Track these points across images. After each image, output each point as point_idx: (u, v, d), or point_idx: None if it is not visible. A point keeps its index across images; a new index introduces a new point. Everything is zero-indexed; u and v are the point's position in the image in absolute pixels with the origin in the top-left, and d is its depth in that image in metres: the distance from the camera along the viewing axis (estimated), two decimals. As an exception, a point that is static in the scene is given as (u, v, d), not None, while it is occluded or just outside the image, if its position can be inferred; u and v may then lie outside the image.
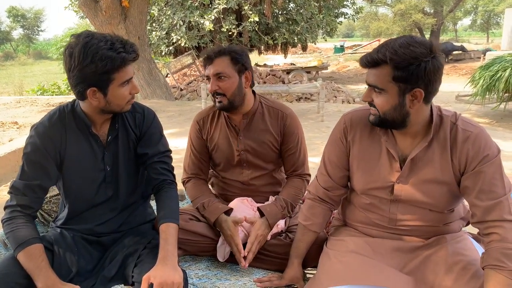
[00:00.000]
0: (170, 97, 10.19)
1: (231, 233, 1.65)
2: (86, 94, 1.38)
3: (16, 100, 9.03)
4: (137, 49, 1.42)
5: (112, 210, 1.58)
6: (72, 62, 1.32)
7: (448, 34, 44.64)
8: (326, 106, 8.07)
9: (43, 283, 1.28)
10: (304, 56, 28.64)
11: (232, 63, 1.74)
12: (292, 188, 1.84)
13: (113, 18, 8.70)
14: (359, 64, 1.36)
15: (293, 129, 1.85)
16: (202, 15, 11.62)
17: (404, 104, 1.26)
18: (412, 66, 1.19)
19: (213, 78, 1.73)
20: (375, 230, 1.46)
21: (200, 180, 1.91)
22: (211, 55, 1.74)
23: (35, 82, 14.60)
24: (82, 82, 1.35)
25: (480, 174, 1.25)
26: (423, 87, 1.22)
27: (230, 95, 1.73)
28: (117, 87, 1.39)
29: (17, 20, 45.17)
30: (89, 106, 1.44)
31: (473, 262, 1.29)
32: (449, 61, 20.84)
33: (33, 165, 1.42)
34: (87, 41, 1.31)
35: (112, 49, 1.32)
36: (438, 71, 1.22)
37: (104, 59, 1.31)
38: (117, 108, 1.45)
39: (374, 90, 1.30)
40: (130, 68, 1.41)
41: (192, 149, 1.92)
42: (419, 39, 1.23)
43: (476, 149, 1.26)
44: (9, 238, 1.37)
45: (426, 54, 1.19)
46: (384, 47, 1.24)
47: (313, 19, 13.58)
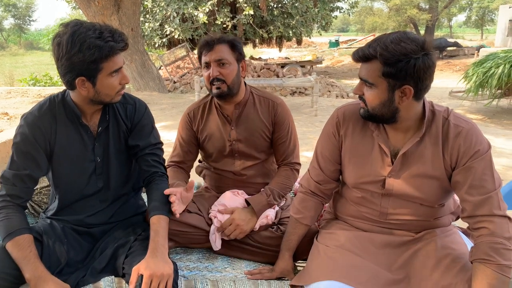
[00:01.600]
0: (163, 90, 10.14)
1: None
2: (75, 84, 1.36)
3: (7, 91, 8.93)
4: (127, 38, 1.41)
5: (102, 201, 1.57)
6: (60, 51, 1.31)
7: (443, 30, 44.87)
8: (320, 100, 8.08)
9: (31, 273, 1.27)
10: (299, 50, 28.63)
11: (231, 50, 1.76)
12: (279, 178, 1.85)
13: (106, 9, 8.61)
14: (351, 58, 1.36)
15: (284, 118, 1.85)
16: (196, 7, 11.54)
17: (393, 100, 1.26)
18: (401, 62, 1.19)
19: (214, 64, 1.72)
20: (366, 223, 1.47)
21: (179, 168, 1.90)
22: (211, 42, 1.73)
23: (27, 72, 14.42)
24: (70, 71, 1.34)
25: (471, 169, 1.26)
26: (413, 84, 1.23)
27: (230, 81, 1.74)
28: (106, 77, 1.38)
29: (8, 9, 44.51)
30: (79, 96, 1.43)
31: (461, 256, 1.30)
32: (443, 57, 20.96)
33: (23, 155, 1.42)
34: (75, 29, 1.30)
35: (100, 38, 1.31)
36: (428, 69, 1.22)
37: (92, 48, 1.29)
38: (106, 98, 1.43)
39: (365, 84, 1.30)
40: (119, 58, 1.40)
41: (180, 141, 1.92)
42: (412, 35, 1.23)
43: (467, 145, 1.27)
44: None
45: (416, 51, 1.19)
46: (376, 42, 1.24)
47: (308, 13, 13.54)
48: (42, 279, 1.27)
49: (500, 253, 1.18)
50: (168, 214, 1.49)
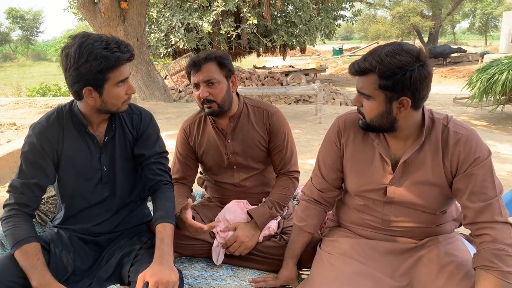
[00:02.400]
0: (169, 99, 10.21)
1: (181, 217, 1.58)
2: (82, 94, 1.40)
3: (15, 102, 9.04)
4: (133, 49, 1.45)
5: (108, 210, 1.59)
6: (68, 62, 1.35)
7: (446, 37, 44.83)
8: (324, 108, 8.10)
9: (38, 281, 1.29)
10: (302, 58, 28.72)
11: (220, 68, 1.74)
12: (279, 188, 1.85)
13: (112, 20, 8.72)
14: (348, 72, 1.37)
15: (279, 126, 1.85)
16: (201, 17, 11.65)
17: (391, 112, 1.28)
18: (397, 75, 1.20)
19: (203, 84, 1.72)
20: (368, 231, 1.48)
21: (181, 185, 1.91)
22: (198, 62, 1.72)
23: (34, 83, 14.59)
24: (78, 82, 1.37)
25: (471, 176, 1.27)
26: (410, 95, 1.24)
27: (220, 100, 1.73)
28: (112, 87, 1.41)
29: (16, 21, 45.16)
30: (86, 106, 1.47)
31: (464, 263, 1.31)
32: (447, 63, 20.93)
33: (31, 164, 1.45)
34: (82, 41, 1.35)
35: (106, 48, 1.35)
36: (425, 79, 1.23)
37: (99, 58, 1.33)
38: (113, 107, 1.46)
39: (363, 96, 1.32)
40: (126, 68, 1.43)
41: (178, 156, 1.93)
42: (406, 47, 1.24)
43: (467, 152, 1.28)
44: (7, 236, 1.38)
45: (412, 62, 1.20)
46: (371, 55, 1.25)
47: (311, 21, 13.63)
48: (49, 286, 1.29)
49: (502, 259, 1.18)
50: (173, 222, 1.50)
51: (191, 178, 1.96)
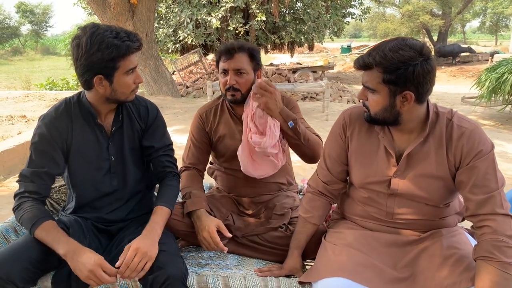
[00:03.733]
0: (176, 94, 10.27)
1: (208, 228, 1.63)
2: (92, 82, 1.44)
3: (25, 95, 9.14)
4: (141, 39, 1.49)
5: (118, 199, 1.64)
6: (79, 51, 1.39)
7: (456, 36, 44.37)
8: (331, 105, 8.10)
9: (65, 249, 1.34)
10: (310, 55, 28.62)
11: (250, 60, 1.79)
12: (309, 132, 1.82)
13: (121, 15, 8.78)
14: (353, 66, 1.39)
15: (293, 105, 1.88)
16: (209, 13, 11.67)
17: (394, 105, 1.31)
18: (400, 70, 1.23)
19: (232, 72, 1.76)
20: (372, 223, 1.50)
21: (196, 171, 1.94)
22: (232, 49, 1.76)
23: (43, 77, 14.72)
24: (89, 70, 1.41)
25: (474, 169, 1.29)
26: (413, 89, 1.27)
27: (245, 91, 1.78)
28: (122, 75, 1.45)
29: (26, 15, 45.41)
30: (95, 95, 1.50)
31: (467, 255, 1.33)
32: (456, 63, 20.77)
33: (41, 153, 1.49)
34: (93, 31, 1.39)
35: (117, 37, 1.39)
36: (428, 74, 1.25)
37: (110, 47, 1.37)
38: (122, 96, 1.50)
39: (367, 90, 1.35)
40: (134, 57, 1.48)
41: (192, 140, 1.96)
42: (410, 42, 1.26)
43: (471, 145, 1.30)
44: (22, 221, 1.43)
45: (415, 57, 1.23)
46: (376, 50, 1.29)
47: (320, 18, 13.57)
48: (77, 251, 1.34)
49: (502, 250, 1.21)
50: (171, 207, 1.59)
51: (204, 163, 1.99)
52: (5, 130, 5.56)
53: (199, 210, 1.73)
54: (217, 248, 1.64)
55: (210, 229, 1.63)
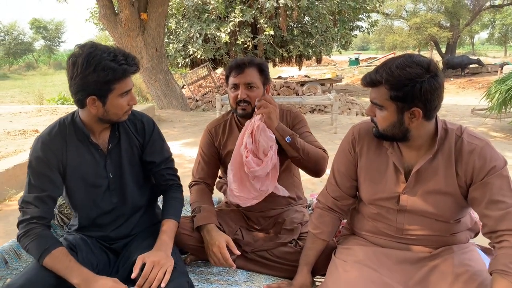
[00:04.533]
0: (186, 108, 10.36)
1: (218, 243, 1.65)
2: (85, 102, 1.43)
3: (37, 109, 9.28)
4: (138, 62, 1.48)
5: (120, 216, 1.63)
6: (75, 70, 1.37)
7: (465, 47, 44.25)
8: (339, 118, 8.10)
9: (78, 278, 1.32)
10: (318, 68, 28.74)
11: (259, 74, 1.83)
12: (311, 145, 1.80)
13: (132, 31, 8.93)
14: (361, 83, 1.41)
15: (300, 119, 1.91)
16: (219, 28, 11.83)
17: (402, 122, 1.31)
18: (407, 87, 1.24)
19: (243, 86, 1.80)
20: (382, 239, 1.49)
21: (205, 185, 1.96)
22: (242, 65, 1.81)
23: (55, 91, 14.96)
24: (83, 90, 1.40)
25: (488, 185, 1.28)
26: (421, 106, 1.27)
27: (255, 103, 1.80)
28: (116, 97, 1.45)
29: (39, 31, 46.39)
30: (88, 115, 1.50)
31: (479, 273, 1.31)
32: (465, 74, 20.68)
33: (40, 177, 1.46)
34: (91, 51, 1.37)
35: (114, 60, 1.38)
36: (436, 91, 1.25)
37: (106, 70, 1.36)
38: (114, 117, 1.50)
39: (375, 106, 1.36)
40: (130, 80, 1.48)
41: (202, 155, 1.99)
42: (417, 58, 1.27)
43: (482, 161, 1.29)
44: (30, 248, 1.40)
45: (422, 74, 1.23)
46: (383, 67, 1.29)
47: (328, 32, 13.66)
48: (91, 280, 1.32)
49: None
50: (177, 219, 1.61)
51: (214, 178, 2.01)
52: (17, 145, 5.65)
53: (209, 224, 1.73)
54: (225, 264, 1.64)
55: (220, 245, 1.64)
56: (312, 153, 1.76)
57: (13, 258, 1.73)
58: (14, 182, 4.12)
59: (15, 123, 7.51)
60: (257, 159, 1.73)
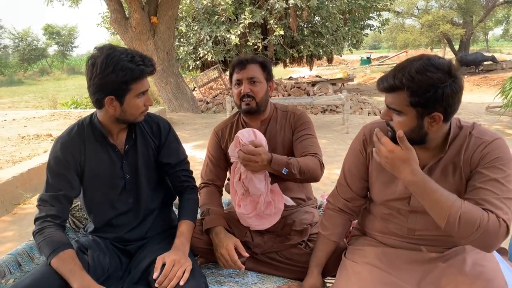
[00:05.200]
0: (197, 110, 10.40)
1: (226, 245, 1.65)
2: (103, 102, 1.47)
3: (51, 114, 9.42)
4: (155, 63, 1.53)
5: (135, 217, 1.65)
6: (94, 71, 1.42)
7: (479, 44, 43.58)
8: (351, 118, 8.04)
9: (79, 284, 1.33)
10: (330, 68, 28.64)
11: (262, 70, 1.86)
12: (304, 158, 1.78)
13: (142, 34, 9.01)
14: (377, 88, 1.35)
15: (303, 121, 1.90)
16: (229, 30, 11.86)
17: (422, 126, 1.27)
18: (429, 93, 1.19)
19: (246, 81, 1.83)
20: (394, 240, 1.47)
21: (214, 187, 1.96)
22: (244, 61, 1.85)
23: (69, 96, 15.16)
24: (101, 90, 1.45)
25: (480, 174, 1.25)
26: (442, 110, 1.22)
27: (259, 99, 1.83)
28: (133, 97, 1.49)
29: (52, 37, 47.09)
30: (105, 115, 1.54)
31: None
32: (479, 71, 20.36)
33: (57, 177, 1.51)
34: (109, 52, 1.42)
35: (132, 61, 1.43)
36: (457, 94, 1.21)
37: (124, 70, 1.41)
38: (131, 117, 1.53)
39: (393, 111, 1.30)
40: (146, 81, 1.52)
41: (210, 157, 1.99)
42: (437, 61, 1.21)
43: (486, 152, 1.27)
44: (42, 247, 1.43)
45: (443, 79, 1.18)
46: (401, 72, 1.23)
47: (338, 31, 13.60)
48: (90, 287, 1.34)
49: None
50: (194, 220, 1.63)
51: (222, 180, 2.01)
52: (32, 149, 5.73)
53: (218, 227, 1.73)
54: (234, 266, 1.64)
55: (228, 247, 1.64)
56: (308, 169, 1.73)
57: (26, 261, 1.75)
58: (28, 186, 4.18)
59: (29, 128, 7.63)
60: (250, 200, 1.75)
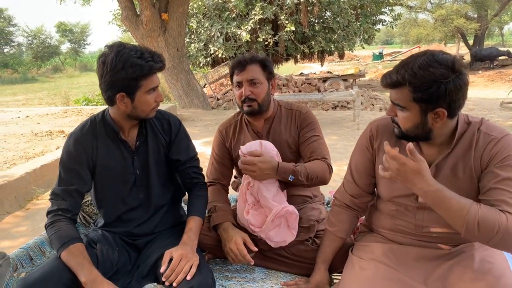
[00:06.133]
0: (207, 107, 10.43)
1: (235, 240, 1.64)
2: (115, 99, 1.49)
3: (63, 111, 9.54)
4: (164, 60, 1.54)
5: (145, 212, 1.67)
6: (104, 69, 1.45)
7: (494, 39, 42.81)
8: (362, 114, 7.98)
9: (86, 277, 1.35)
10: (341, 64, 28.43)
11: (262, 70, 1.83)
12: (310, 163, 1.78)
13: (153, 31, 9.05)
14: (380, 84, 1.35)
15: (308, 122, 1.87)
16: (239, 26, 11.85)
17: (426, 122, 1.26)
18: (432, 88, 1.18)
19: (246, 83, 1.80)
20: (401, 236, 1.46)
21: (220, 186, 1.96)
22: (243, 62, 1.81)
23: (81, 93, 15.34)
24: (112, 87, 1.47)
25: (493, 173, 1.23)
26: (446, 106, 1.21)
27: (261, 100, 1.81)
28: (143, 94, 1.50)
29: (65, 34, 47.58)
30: (117, 112, 1.56)
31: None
32: (494, 66, 20.03)
33: (69, 171, 1.54)
34: (119, 50, 1.44)
35: (141, 58, 1.45)
36: (461, 90, 1.20)
37: (134, 66, 1.43)
38: (142, 113, 1.55)
39: (397, 106, 1.30)
40: (157, 77, 1.53)
41: (214, 156, 1.99)
42: (440, 57, 1.20)
43: (497, 150, 1.25)
44: (52, 240, 1.46)
45: (446, 75, 1.17)
46: (404, 67, 1.23)
47: (350, 27, 13.47)
48: (97, 282, 1.35)
49: None
50: (202, 216, 1.64)
51: (228, 179, 2.01)
52: (44, 145, 5.82)
53: (225, 223, 1.74)
54: (243, 260, 1.64)
55: (237, 241, 1.64)
56: (316, 174, 1.73)
57: (38, 255, 1.78)
58: (41, 182, 4.25)
59: (42, 125, 7.74)
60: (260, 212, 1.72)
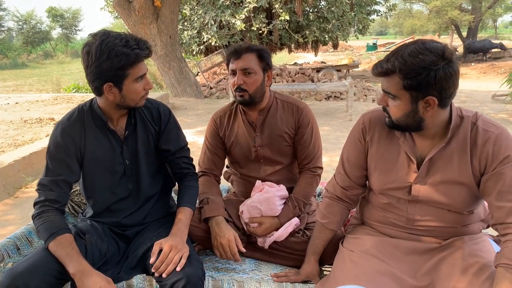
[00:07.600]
0: (200, 95, 10.35)
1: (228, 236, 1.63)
2: (102, 90, 1.46)
3: (54, 98, 9.42)
4: (150, 46, 1.50)
5: (135, 202, 1.65)
6: (89, 59, 1.40)
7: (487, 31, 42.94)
8: (355, 105, 7.99)
9: (75, 268, 1.33)
10: (335, 54, 28.37)
11: (259, 60, 1.79)
12: (302, 185, 1.86)
13: (145, 18, 8.92)
14: (372, 73, 1.34)
15: (307, 121, 1.87)
16: (233, 14, 11.71)
17: (417, 111, 1.25)
18: (421, 75, 1.18)
19: (240, 72, 1.77)
20: (392, 229, 1.46)
21: (212, 176, 1.94)
22: (239, 50, 1.77)
23: (72, 79, 15.14)
24: (99, 78, 1.43)
25: (501, 175, 1.23)
26: (436, 94, 1.21)
27: (252, 91, 1.78)
28: (131, 82, 1.46)
29: (56, 20, 46.78)
30: (106, 102, 1.52)
31: (490, 264, 1.27)
32: (487, 59, 20.12)
33: (57, 161, 1.51)
34: (103, 39, 1.39)
35: (126, 46, 1.40)
36: (451, 78, 1.19)
37: (119, 55, 1.38)
38: (131, 102, 1.52)
39: (388, 95, 1.30)
40: (144, 65, 1.49)
41: (207, 145, 1.97)
42: (430, 45, 1.20)
43: (497, 150, 1.24)
44: (40, 230, 1.43)
45: (436, 61, 1.17)
46: (394, 55, 1.23)
47: (344, 16, 13.39)
48: (86, 273, 1.33)
49: None
50: (193, 207, 1.62)
51: (220, 169, 2.00)
52: (34, 133, 5.74)
53: (218, 217, 1.72)
54: (232, 258, 1.62)
55: (230, 238, 1.62)
56: (310, 195, 1.89)
57: (25, 245, 1.76)
58: (30, 170, 4.20)
59: (32, 112, 7.63)
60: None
